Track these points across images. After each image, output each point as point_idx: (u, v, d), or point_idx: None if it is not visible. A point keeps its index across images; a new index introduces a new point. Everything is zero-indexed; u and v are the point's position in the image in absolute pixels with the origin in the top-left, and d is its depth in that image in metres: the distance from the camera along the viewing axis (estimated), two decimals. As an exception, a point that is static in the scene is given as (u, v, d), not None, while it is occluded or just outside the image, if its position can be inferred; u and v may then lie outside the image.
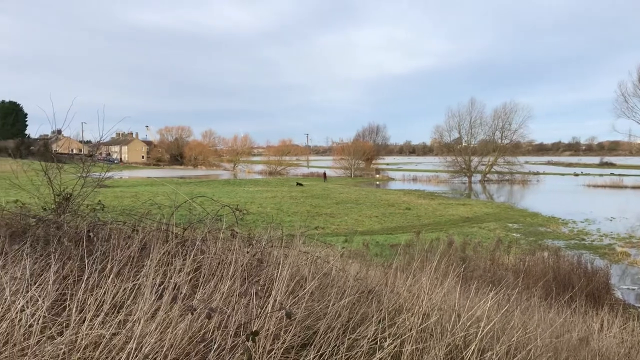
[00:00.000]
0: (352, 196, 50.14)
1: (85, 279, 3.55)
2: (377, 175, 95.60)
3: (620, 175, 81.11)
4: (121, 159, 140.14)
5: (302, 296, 3.89)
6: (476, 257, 18.31)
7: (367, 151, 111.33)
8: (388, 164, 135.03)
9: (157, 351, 2.93)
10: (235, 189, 58.92)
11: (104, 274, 3.71)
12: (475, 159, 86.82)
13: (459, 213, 38.98)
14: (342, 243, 22.09)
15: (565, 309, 7.21)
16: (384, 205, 42.32)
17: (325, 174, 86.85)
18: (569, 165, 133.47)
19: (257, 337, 3.09)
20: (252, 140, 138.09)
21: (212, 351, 2.97)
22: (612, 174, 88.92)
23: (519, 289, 5.75)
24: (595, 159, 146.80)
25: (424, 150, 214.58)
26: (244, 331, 3.17)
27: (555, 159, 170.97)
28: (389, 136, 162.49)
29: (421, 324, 3.86)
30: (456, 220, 35.46)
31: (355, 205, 42.26)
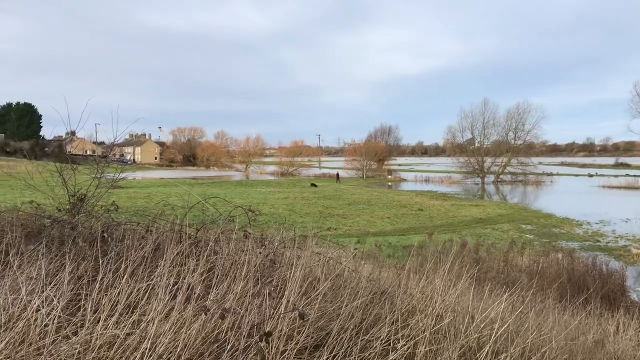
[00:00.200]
0: (364, 197, 50.06)
1: (99, 279, 3.57)
2: (389, 176, 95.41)
3: (636, 176, 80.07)
4: (134, 160, 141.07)
5: (314, 297, 3.89)
6: (489, 259, 18.20)
7: (379, 152, 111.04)
8: (400, 164, 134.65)
9: (171, 351, 2.94)
10: (248, 189, 59.07)
11: (118, 274, 3.73)
12: (488, 160, 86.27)
13: (471, 214, 38.78)
14: (354, 244, 22.06)
15: (580, 311, 7.14)
16: (396, 206, 42.20)
17: (338, 175, 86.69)
18: (583, 166, 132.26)
19: (270, 337, 3.09)
20: (264, 141, 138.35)
21: (225, 352, 2.97)
22: (627, 175, 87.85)
23: (533, 290, 5.70)
24: (610, 160, 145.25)
25: (436, 151, 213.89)
26: (257, 332, 3.17)
27: (569, 159, 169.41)
28: (401, 137, 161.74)
29: (434, 325, 3.84)
30: (469, 221, 35.27)
31: (368, 206, 42.19)
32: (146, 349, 2.85)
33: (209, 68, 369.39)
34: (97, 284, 3.52)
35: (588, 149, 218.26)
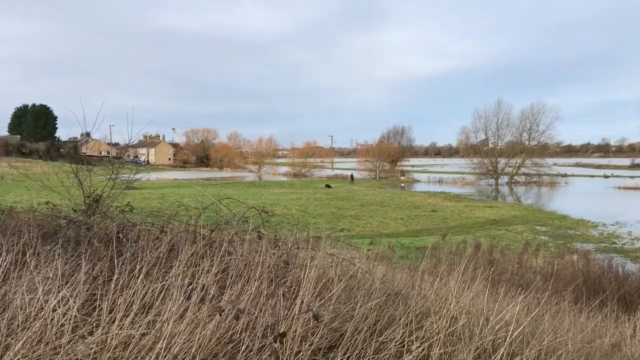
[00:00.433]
0: (377, 198, 49.98)
1: (115, 280, 3.60)
2: (402, 177, 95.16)
3: (652, 177, 79.19)
4: (148, 161, 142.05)
5: (328, 298, 3.89)
6: (503, 260, 18.08)
7: (391, 153, 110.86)
8: (413, 165, 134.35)
9: (186, 352, 2.96)
10: (261, 190, 59.22)
11: (133, 274, 3.75)
12: (502, 161, 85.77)
13: (485, 215, 38.57)
14: (367, 245, 22.02)
15: (596, 314, 7.06)
16: (409, 208, 42.10)
17: (352, 176, 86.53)
18: (598, 167, 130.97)
19: (285, 338, 3.10)
20: (277, 142, 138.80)
21: (240, 352, 2.98)
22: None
23: (548, 292, 5.65)
24: (626, 161, 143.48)
25: (449, 152, 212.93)
26: (271, 332, 3.18)
27: (585, 160, 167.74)
28: (414, 138, 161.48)
29: (449, 327, 3.82)
30: (483, 222, 35.09)
31: (380, 207, 42.11)
32: (161, 349, 2.87)
33: (222, 69, 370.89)
34: (113, 284, 3.54)
35: (603, 149, 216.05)
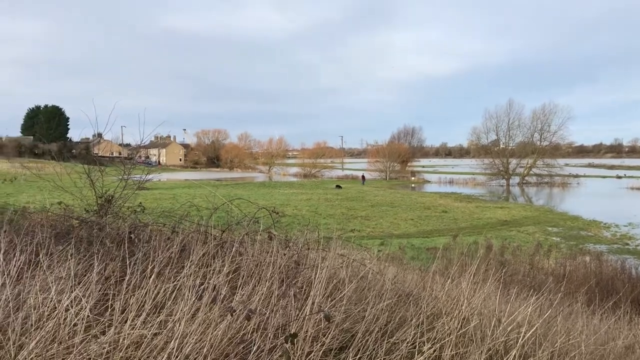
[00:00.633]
0: (388, 199, 49.88)
1: (127, 280, 3.62)
2: (412, 178, 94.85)
3: (666, 178, 78.38)
4: (159, 161, 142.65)
5: (339, 299, 3.88)
6: (515, 261, 17.98)
7: (402, 153, 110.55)
8: (424, 166, 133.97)
9: (198, 352, 2.96)
10: (271, 191, 59.30)
11: (145, 274, 3.76)
12: (514, 161, 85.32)
13: (496, 216, 38.38)
14: (377, 246, 21.99)
15: (609, 315, 7.00)
16: (420, 208, 41.97)
17: (363, 177, 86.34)
18: (611, 167, 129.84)
19: (296, 339, 3.09)
20: (287, 142, 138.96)
21: (251, 353, 2.98)
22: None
23: (560, 294, 5.61)
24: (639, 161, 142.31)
25: (460, 152, 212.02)
26: (282, 333, 3.18)
27: (597, 161, 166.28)
28: (425, 138, 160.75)
29: (460, 328, 3.80)
30: (494, 223, 34.92)
31: (391, 208, 42.02)
32: (173, 349, 2.88)
33: (232, 70, 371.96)
34: (125, 284, 3.56)
35: (616, 150, 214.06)
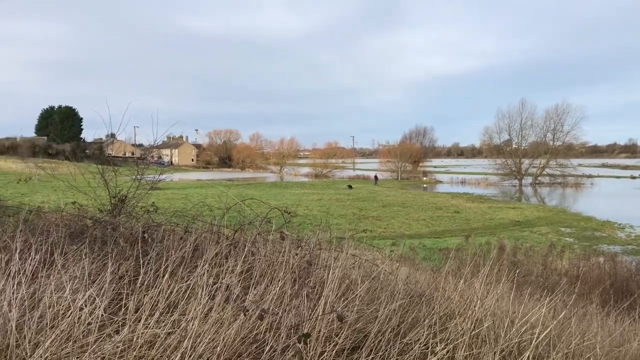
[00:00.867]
0: (399, 199, 49.75)
1: (140, 279, 3.64)
2: (424, 178, 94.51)
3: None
4: (172, 161, 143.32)
5: (352, 299, 3.88)
6: (528, 262, 17.87)
7: (414, 153, 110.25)
8: (435, 166, 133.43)
9: (211, 351, 2.97)
10: (282, 191, 59.38)
11: (158, 274, 3.78)
12: (526, 162, 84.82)
13: (509, 217, 38.16)
14: (389, 246, 21.94)
15: (624, 317, 6.93)
16: (431, 209, 41.83)
17: (376, 177, 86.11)
18: (625, 167, 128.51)
19: (309, 339, 3.09)
20: (298, 142, 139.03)
21: (264, 352, 2.99)
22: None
23: (575, 295, 5.56)
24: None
25: (472, 152, 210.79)
26: (295, 333, 3.18)
27: (611, 161, 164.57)
28: (437, 138, 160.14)
29: (473, 329, 3.78)
30: (506, 224, 34.72)
31: (402, 208, 41.91)
32: (187, 348, 2.89)
33: (245, 70, 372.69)
34: (138, 283, 3.58)
35: (630, 150, 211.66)
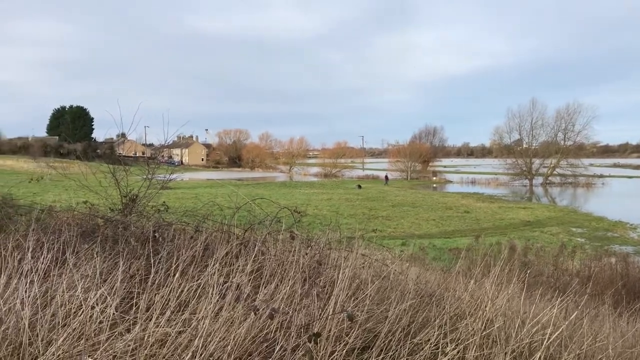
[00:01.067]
0: (409, 199, 49.64)
1: (151, 278, 3.65)
2: (434, 178, 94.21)
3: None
4: (182, 161, 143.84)
5: (362, 299, 3.87)
6: (538, 262, 17.76)
7: (423, 153, 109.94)
8: (445, 166, 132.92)
9: (221, 350, 2.98)
10: (292, 191, 59.41)
11: (169, 273, 3.80)
12: (537, 161, 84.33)
13: (519, 217, 37.97)
14: (399, 246, 21.90)
15: (637, 318, 6.88)
16: (441, 209, 41.70)
17: (387, 177, 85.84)
18: (637, 167, 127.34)
19: (319, 338, 3.09)
20: (308, 142, 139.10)
21: (274, 351, 2.99)
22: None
23: (586, 296, 5.52)
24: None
25: (482, 152, 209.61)
26: (305, 332, 3.18)
27: (623, 161, 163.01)
28: (447, 138, 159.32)
29: (484, 329, 3.76)
30: (517, 224, 34.54)
31: (412, 208, 41.81)
32: (197, 347, 2.90)
33: (254, 70, 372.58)
34: (149, 282, 3.60)
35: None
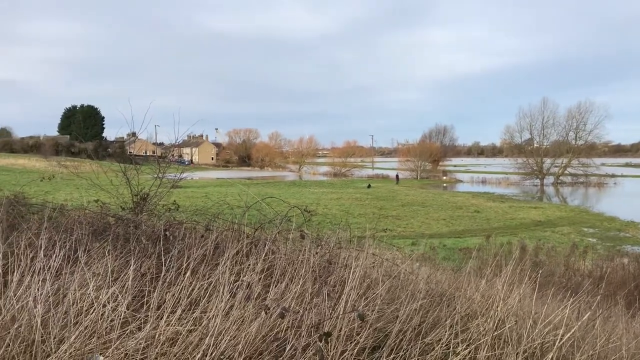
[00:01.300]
0: (419, 198, 49.52)
1: (162, 277, 3.66)
2: (444, 177, 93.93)
3: None
4: (192, 160, 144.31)
5: (373, 298, 3.86)
6: (550, 262, 17.65)
7: (433, 152, 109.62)
8: (455, 165, 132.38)
9: (232, 349, 2.98)
10: (301, 190, 59.46)
11: (180, 271, 3.81)
12: (548, 161, 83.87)
13: (530, 216, 37.77)
14: (409, 246, 21.85)
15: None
16: (451, 208, 41.56)
17: (397, 177, 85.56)
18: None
19: (330, 337, 3.09)
20: (317, 141, 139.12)
21: (285, 350, 2.99)
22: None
23: (599, 296, 5.48)
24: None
25: (493, 151, 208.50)
26: (315, 331, 3.18)
27: (635, 160, 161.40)
28: (457, 137, 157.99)
29: (496, 329, 3.74)
30: (528, 223, 34.36)
31: (422, 207, 41.70)
32: (208, 345, 2.90)
33: (264, 70, 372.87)
34: (160, 281, 3.60)
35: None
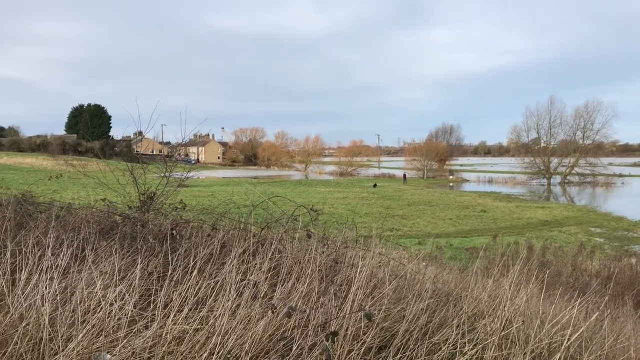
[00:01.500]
0: (425, 198, 49.42)
1: (169, 275, 3.67)
2: (450, 177, 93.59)
3: None
4: (198, 159, 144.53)
5: (379, 298, 3.85)
6: (557, 262, 17.57)
7: (440, 152, 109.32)
8: (462, 165, 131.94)
9: (239, 347, 2.98)
10: (307, 189, 59.44)
11: (186, 270, 3.82)
12: (555, 160, 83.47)
13: (537, 216, 37.62)
14: (415, 245, 21.80)
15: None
16: (458, 208, 41.45)
17: (405, 176, 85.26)
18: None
19: (336, 337, 3.08)
20: (323, 141, 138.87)
21: (292, 350, 2.98)
22: None
23: (607, 296, 5.45)
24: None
25: (499, 150, 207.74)
26: (322, 330, 3.17)
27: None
28: (463, 136, 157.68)
29: (503, 329, 3.73)
30: (535, 223, 34.22)
31: (428, 207, 41.62)
32: (215, 344, 2.90)
33: (271, 69, 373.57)
34: (167, 280, 3.61)
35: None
